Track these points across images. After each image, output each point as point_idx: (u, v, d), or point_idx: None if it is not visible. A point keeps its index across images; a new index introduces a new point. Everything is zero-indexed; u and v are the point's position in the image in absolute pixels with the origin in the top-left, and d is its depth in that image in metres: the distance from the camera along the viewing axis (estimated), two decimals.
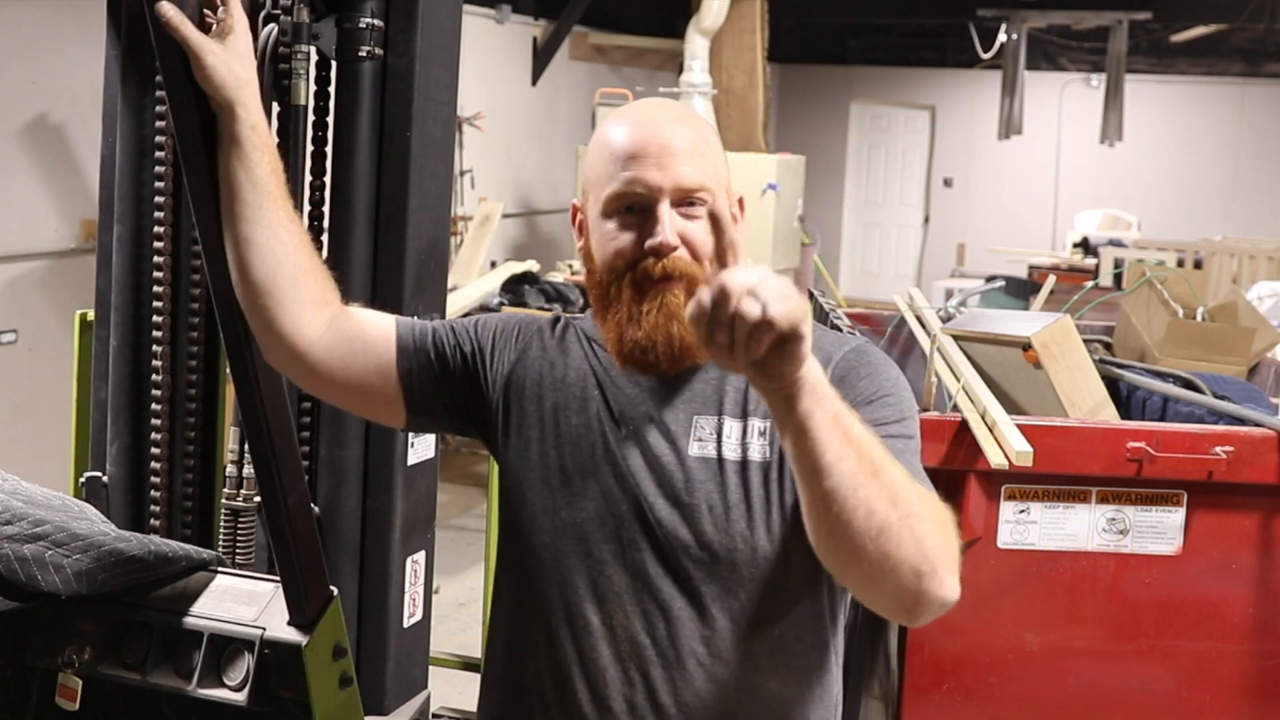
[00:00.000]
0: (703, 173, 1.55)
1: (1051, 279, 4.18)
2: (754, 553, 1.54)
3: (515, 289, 6.77)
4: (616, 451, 1.57)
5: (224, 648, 1.73)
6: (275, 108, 2.24)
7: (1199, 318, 3.63)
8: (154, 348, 2.24)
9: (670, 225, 1.53)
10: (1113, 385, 3.15)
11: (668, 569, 1.55)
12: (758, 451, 1.55)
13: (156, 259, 2.23)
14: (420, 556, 2.41)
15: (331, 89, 2.28)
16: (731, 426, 1.56)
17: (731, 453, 1.55)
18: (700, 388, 1.59)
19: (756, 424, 1.56)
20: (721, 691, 1.56)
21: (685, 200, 1.54)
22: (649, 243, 1.53)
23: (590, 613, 1.57)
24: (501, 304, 6.60)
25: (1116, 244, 9.83)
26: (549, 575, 1.60)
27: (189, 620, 1.75)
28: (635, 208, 1.55)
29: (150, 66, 2.20)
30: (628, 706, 1.57)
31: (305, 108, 2.24)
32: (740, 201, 1.65)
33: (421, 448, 2.38)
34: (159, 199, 2.22)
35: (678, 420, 1.57)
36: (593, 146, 1.61)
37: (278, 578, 1.72)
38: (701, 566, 1.55)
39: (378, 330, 1.65)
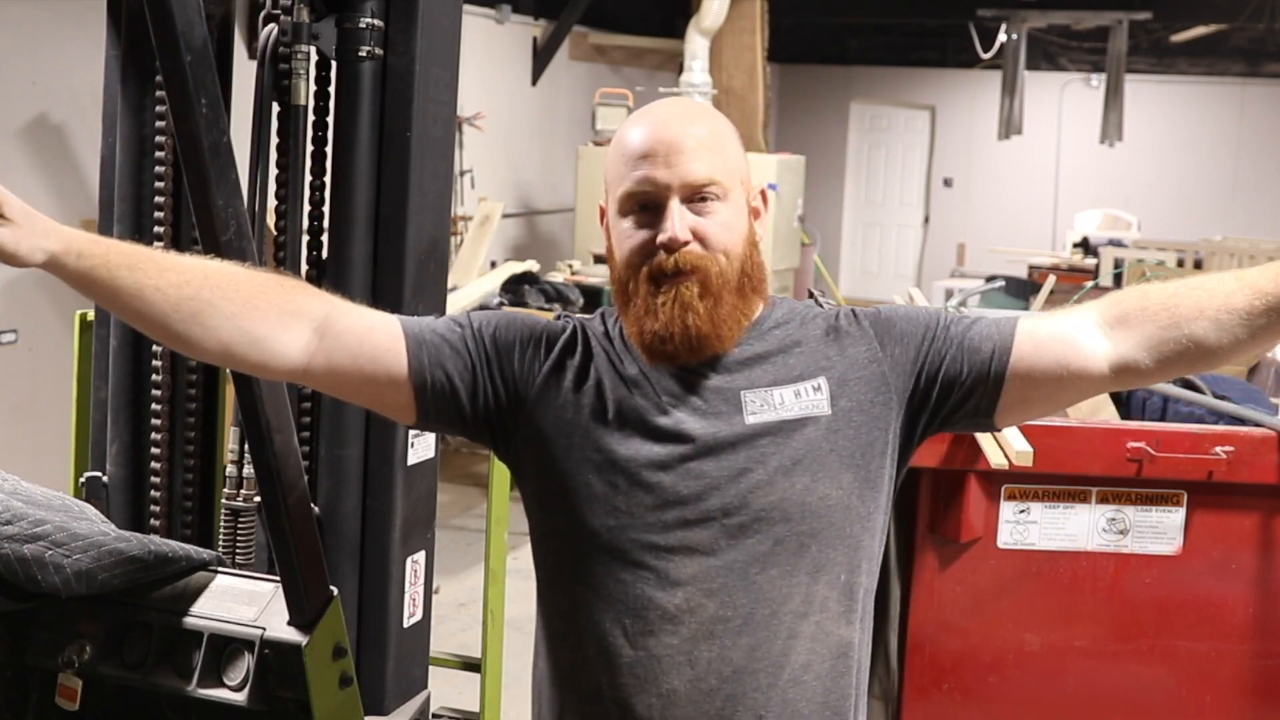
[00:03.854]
0: (712, 168, 1.58)
1: (1051, 279, 4.19)
2: (821, 502, 1.58)
3: (515, 289, 6.77)
4: (666, 442, 1.58)
5: (224, 648, 1.73)
6: (275, 108, 2.24)
7: None
8: (154, 348, 2.24)
9: (679, 220, 1.56)
10: None
11: (742, 536, 1.57)
12: (815, 406, 1.59)
13: None
14: (420, 556, 2.41)
15: (331, 89, 2.28)
16: (782, 394, 1.59)
17: (789, 412, 1.58)
18: (739, 369, 1.61)
19: (807, 385, 1.60)
20: (801, 645, 1.58)
21: (696, 195, 1.58)
22: (659, 238, 1.57)
23: (668, 602, 1.57)
24: (501, 304, 6.59)
25: (1116, 244, 9.83)
26: (606, 585, 1.60)
27: (189, 620, 1.76)
28: (648, 205, 1.58)
29: (150, 66, 2.20)
30: (706, 670, 1.57)
31: (305, 108, 2.24)
32: (763, 194, 1.68)
33: (421, 448, 2.38)
34: (159, 199, 2.22)
35: (725, 398, 1.59)
36: (611, 147, 1.65)
37: (278, 578, 1.72)
38: (772, 526, 1.57)
39: (385, 341, 1.61)
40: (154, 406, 2.25)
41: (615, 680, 1.59)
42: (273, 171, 2.27)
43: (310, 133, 2.27)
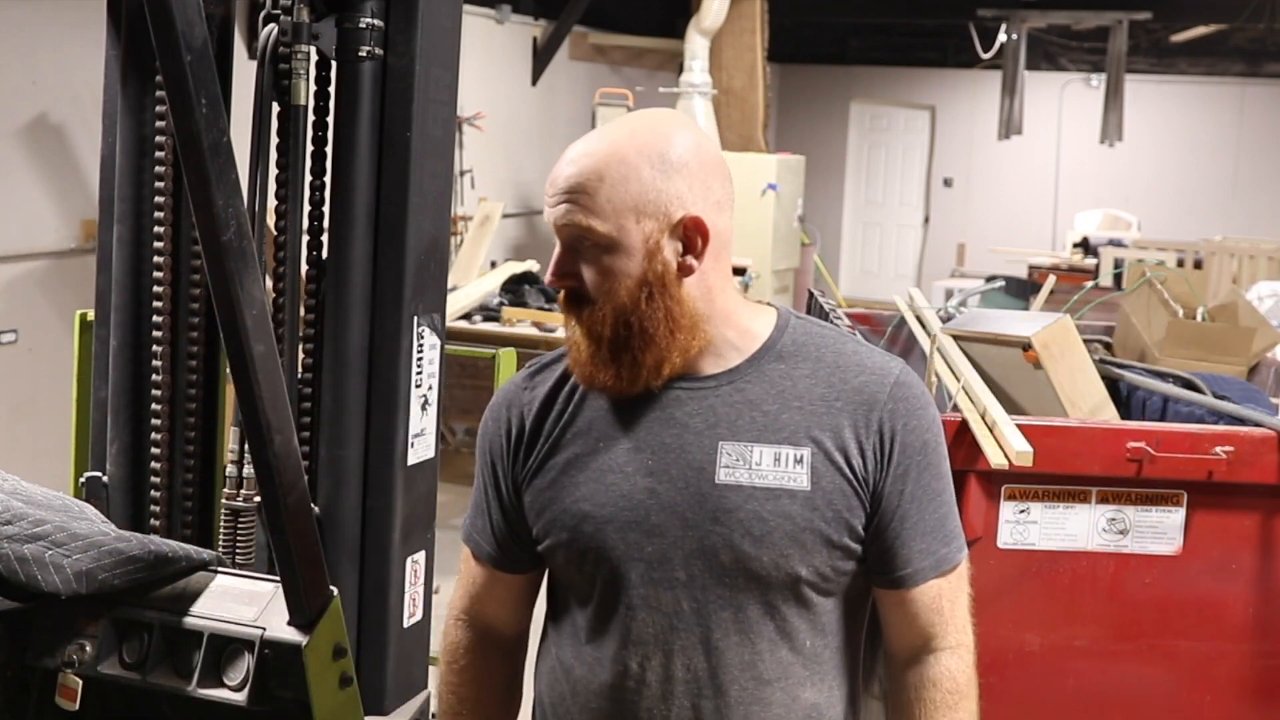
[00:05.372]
0: (590, 212, 1.51)
1: (1051, 279, 4.18)
2: (788, 576, 1.54)
3: (515, 289, 6.77)
4: (635, 495, 1.56)
5: (224, 648, 1.73)
6: (275, 108, 2.24)
7: (1199, 318, 3.63)
8: (154, 348, 2.24)
9: (554, 263, 1.56)
10: (1113, 385, 3.16)
11: (706, 600, 1.55)
12: (793, 479, 1.53)
13: (156, 259, 2.23)
14: (420, 556, 2.41)
15: (331, 89, 2.28)
16: (761, 454, 1.54)
17: (764, 479, 1.53)
18: (724, 410, 1.57)
19: (790, 451, 1.54)
20: (764, 711, 1.57)
21: (574, 238, 1.54)
22: None
23: (630, 659, 1.58)
24: (501, 304, 6.60)
25: (1116, 244, 9.84)
26: (579, 638, 1.63)
27: (189, 620, 1.75)
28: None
29: (150, 66, 2.20)
30: None
31: (305, 108, 2.24)
32: (699, 224, 1.53)
33: (421, 448, 2.37)
34: (159, 199, 2.22)
35: (702, 447, 1.55)
36: None
37: (278, 578, 1.72)
38: (735, 594, 1.55)
39: (511, 590, 1.81)
40: (154, 406, 2.25)
41: None
42: (273, 171, 2.27)
43: (310, 133, 2.27)
